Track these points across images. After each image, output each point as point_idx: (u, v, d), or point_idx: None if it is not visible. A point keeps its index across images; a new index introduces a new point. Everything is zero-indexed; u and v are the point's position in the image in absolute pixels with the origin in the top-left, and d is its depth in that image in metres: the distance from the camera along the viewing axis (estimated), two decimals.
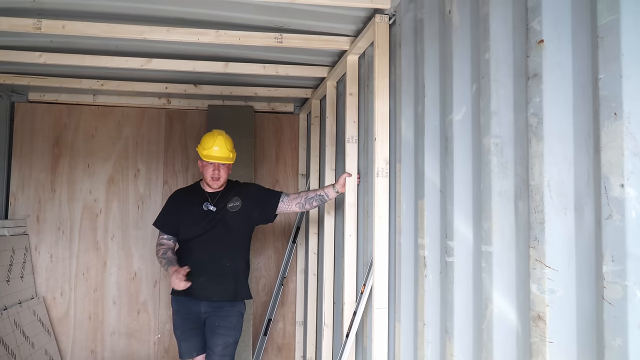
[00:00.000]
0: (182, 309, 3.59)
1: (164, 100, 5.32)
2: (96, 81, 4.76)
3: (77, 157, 5.19)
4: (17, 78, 4.62)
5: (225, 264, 3.58)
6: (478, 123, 2.02)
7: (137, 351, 5.16)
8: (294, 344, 5.41)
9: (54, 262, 5.09)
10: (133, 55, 4.05)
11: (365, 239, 3.41)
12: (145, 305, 5.21)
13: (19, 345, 4.09)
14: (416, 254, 2.61)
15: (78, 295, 5.11)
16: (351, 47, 3.54)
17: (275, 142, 5.55)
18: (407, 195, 2.74)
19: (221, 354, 3.50)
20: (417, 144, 2.64)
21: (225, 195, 3.66)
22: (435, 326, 2.36)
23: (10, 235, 4.62)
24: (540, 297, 1.55)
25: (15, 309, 4.27)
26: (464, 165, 2.13)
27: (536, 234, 1.59)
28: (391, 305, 2.97)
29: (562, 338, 1.52)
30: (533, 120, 1.62)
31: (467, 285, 2.09)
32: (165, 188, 5.30)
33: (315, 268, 4.80)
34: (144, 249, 5.23)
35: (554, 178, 1.56)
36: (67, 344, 5.06)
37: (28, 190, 5.08)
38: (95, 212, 5.18)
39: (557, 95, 1.58)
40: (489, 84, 1.90)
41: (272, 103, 5.51)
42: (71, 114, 5.22)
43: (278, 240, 5.45)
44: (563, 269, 1.53)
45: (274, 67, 4.22)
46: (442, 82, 2.38)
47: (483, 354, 1.90)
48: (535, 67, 1.63)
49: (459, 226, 2.13)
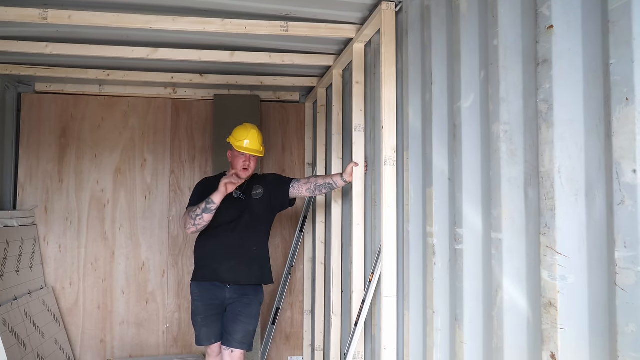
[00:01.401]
0: (207, 295, 3.66)
1: (170, 90, 5.31)
2: (102, 71, 4.76)
3: (84, 148, 5.20)
4: (24, 69, 4.62)
5: (252, 248, 3.71)
6: (487, 110, 2.01)
7: (146, 340, 5.19)
8: (302, 332, 5.43)
9: (63, 252, 5.11)
10: (139, 45, 4.04)
11: (373, 228, 3.41)
12: (154, 295, 5.24)
13: (29, 335, 4.12)
14: (425, 242, 2.61)
15: (87, 285, 5.14)
16: (357, 35, 3.53)
17: (281, 132, 5.54)
18: (415, 183, 2.73)
19: (241, 341, 3.57)
20: (424, 132, 2.64)
21: (250, 185, 3.79)
22: (445, 314, 2.36)
23: (19, 226, 4.64)
24: (552, 283, 1.55)
25: (25, 299, 4.30)
26: (473, 152, 2.13)
27: (547, 221, 1.58)
28: (400, 294, 2.97)
29: (573, 324, 1.52)
30: (543, 107, 1.62)
31: (476, 272, 2.09)
32: (172, 178, 5.31)
33: (323, 257, 4.80)
34: (151, 239, 5.25)
35: (565, 164, 1.55)
36: (77, 334, 5.09)
37: (36, 181, 5.10)
38: (102, 203, 5.20)
39: (567, 81, 1.57)
40: (498, 70, 1.89)
41: (278, 92, 5.50)
42: (78, 104, 5.22)
43: (285, 229, 5.46)
44: (574, 255, 1.53)
45: (279, 56, 4.21)
46: (450, 69, 2.36)
47: (494, 341, 1.90)
48: (545, 53, 1.61)
49: (468, 214, 2.13)
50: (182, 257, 5.28)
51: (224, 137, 4.39)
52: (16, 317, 4.01)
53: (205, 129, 5.40)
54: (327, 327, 4.48)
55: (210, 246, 3.69)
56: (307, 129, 5.52)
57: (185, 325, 5.22)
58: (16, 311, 4.05)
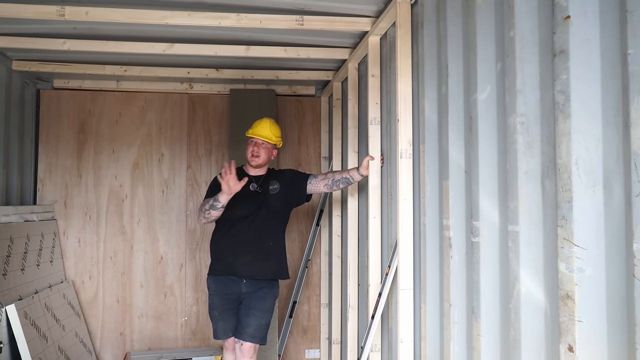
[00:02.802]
0: (223, 289, 3.68)
1: (186, 85, 5.34)
2: (119, 67, 4.80)
3: (102, 143, 5.24)
4: (42, 65, 4.67)
5: (269, 243, 3.71)
6: (503, 102, 2.00)
7: (164, 333, 5.25)
8: (319, 325, 5.45)
9: (82, 246, 5.18)
10: (155, 41, 4.07)
11: (389, 221, 3.41)
12: (172, 288, 5.28)
13: (50, 327, 4.18)
14: (441, 235, 2.60)
15: (106, 279, 5.19)
16: (372, 28, 3.52)
17: (297, 126, 5.55)
18: (431, 176, 2.73)
19: (252, 334, 3.58)
20: (440, 125, 2.63)
21: (267, 180, 3.79)
22: (462, 306, 2.36)
23: (39, 221, 4.70)
24: (569, 275, 1.54)
25: (45, 293, 4.36)
26: (489, 144, 2.12)
27: (564, 213, 1.57)
28: (416, 287, 2.97)
29: (591, 317, 1.51)
30: (560, 98, 1.60)
31: (493, 265, 2.08)
32: (189, 172, 5.35)
33: (339, 250, 4.81)
34: (169, 234, 5.29)
35: (582, 156, 1.54)
36: (97, 327, 5.16)
37: (55, 176, 5.16)
38: (121, 197, 5.25)
39: (584, 71, 1.55)
40: (514, 62, 1.88)
41: (293, 86, 5.51)
42: (95, 100, 5.27)
43: (302, 223, 5.47)
44: (592, 247, 1.52)
45: (295, 50, 4.22)
46: (466, 61, 2.35)
47: (511, 333, 1.90)
48: (562, 44, 1.60)
49: (484, 206, 2.12)
50: (199, 250, 5.32)
51: (240, 132, 4.41)
52: (37, 310, 4.07)
53: (221, 124, 5.42)
54: (344, 320, 4.49)
55: (226, 240, 3.71)
56: (323, 123, 5.52)
57: (203, 319, 5.26)
58: (37, 304, 4.11)
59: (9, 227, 4.04)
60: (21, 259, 4.17)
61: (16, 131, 4.74)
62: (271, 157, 3.81)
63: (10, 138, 4.64)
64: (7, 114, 4.54)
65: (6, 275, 3.87)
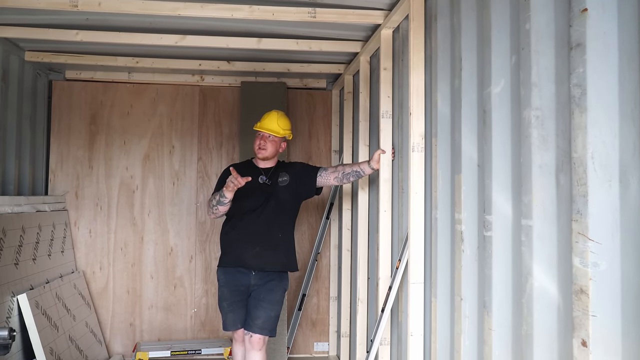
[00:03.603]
0: (232, 281, 3.69)
1: (197, 78, 5.35)
2: (131, 59, 4.81)
3: (114, 134, 5.26)
4: (55, 56, 4.69)
5: (277, 235, 3.72)
6: (518, 95, 1.99)
7: (174, 324, 5.27)
8: (328, 319, 5.45)
9: (93, 237, 5.20)
10: (167, 32, 4.08)
11: (400, 215, 3.40)
12: (182, 280, 5.30)
13: (61, 317, 4.21)
14: (453, 229, 2.60)
15: (116, 269, 5.22)
16: (385, 20, 3.50)
17: (307, 119, 5.55)
18: (444, 170, 2.72)
19: (261, 326, 3.58)
20: (453, 118, 2.62)
21: (276, 172, 3.79)
22: (473, 301, 2.36)
23: (51, 211, 4.73)
24: (583, 270, 1.53)
25: (56, 283, 4.39)
26: (503, 138, 2.11)
27: (579, 207, 1.56)
28: (427, 280, 2.97)
29: (605, 311, 1.50)
30: (576, 91, 1.59)
31: (505, 259, 2.08)
32: (200, 164, 5.36)
33: (349, 244, 4.81)
34: (179, 225, 5.31)
35: (598, 150, 1.53)
36: (107, 317, 5.19)
37: (67, 167, 5.18)
38: (131, 189, 5.27)
39: (601, 65, 1.54)
40: (530, 55, 1.87)
41: (304, 79, 5.50)
42: (107, 91, 5.28)
43: (311, 216, 5.48)
44: (607, 242, 1.51)
45: (307, 42, 4.21)
46: (480, 54, 2.34)
47: (523, 328, 1.89)
48: (579, 37, 1.59)
49: (497, 200, 2.11)
50: (209, 243, 5.33)
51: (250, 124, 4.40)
52: (48, 299, 4.10)
53: (232, 116, 5.42)
54: (353, 314, 4.49)
55: (236, 232, 3.71)
56: (334, 116, 5.52)
57: (212, 310, 5.28)
58: (48, 294, 4.14)
59: (21, 217, 4.07)
60: (33, 248, 4.19)
61: (28, 122, 4.76)
62: (279, 149, 3.80)
63: (23, 129, 4.66)
64: (19, 104, 4.57)
65: (18, 265, 3.90)
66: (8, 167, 4.40)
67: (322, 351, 5.45)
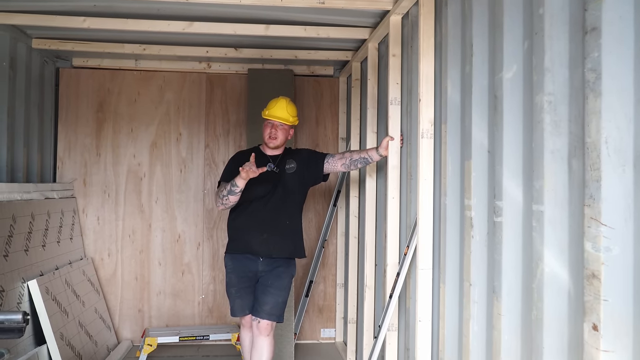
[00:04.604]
0: (240, 267, 3.70)
1: (204, 65, 5.34)
2: (138, 46, 4.80)
3: (121, 122, 5.28)
4: (62, 43, 4.69)
5: (285, 222, 3.73)
6: (530, 81, 1.98)
7: (182, 310, 5.31)
8: (334, 305, 5.48)
9: (101, 224, 5.23)
10: (175, 19, 4.07)
11: (408, 201, 3.40)
12: (189, 266, 5.33)
13: (70, 303, 4.25)
14: (462, 215, 2.60)
15: (125, 256, 5.25)
16: (394, 7, 3.48)
17: (315, 106, 5.54)
18: (453, 156, 2.72)
19: (269, 312, 3.60)
20: (463, 104, 2.61)
21: (284, 159, 3.79)
22: (482, 286, 2.36)
23: (59, 198, 4.75)
24: (595, 255, 1.54)
25: (66, 269, 4.42)
26: (514, 124, 2.10)
27: (592, 192, 1.56)
28: (435, 266, 2.98)
29: (617, 296, 1.51)
30: (590, 76, 1.59)
31: (516, 245, 2.08)
32: (207, 152, 5.37)
33: (356, 231, 4.82)
34: (186, 212, 5.33)
35: (612, 135, 1.53)
36: (116, 303, 5.23)
37: (74, 155, 5.20)
38: (139, 176, 5.29)
39: (617, 49, 1.53)
40: (543, 40, 1.86)
41: (311, 66, 5.49)
42: (114, 78, 5.29)
43: (318, 204, 5.49)
44: (620, 226, 1.51)
45: (314, 29, 4.19)
46: (492, 40, 2.33)
47: (533, 313, 1.90)
48: (594, 21, 1.58)
49: (508, 186, 2.11)
50: (216, 229, 5.35)
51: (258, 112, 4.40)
52: (58, 286, 4.13)
53: (239, 103, 5.42)
54: (361, 300, 4.51)
55: (243, 219, 3.72)
56: (341, 104, 5.51)
57: (220, 297, 5.31)
58: (58, 280, 4.17)
59: (30, 204, 4.09)
60: (42, 235, 4.22)
61: (36, 109, 4.78)
62: (288, 136, 3.79)
63: (31, 116, 4.67)
64: (27, 92, 4.58)
65: (28, 251, 3.92)
66: (17, 155, 4.42)
67: (328, 337, 5.49)
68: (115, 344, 5.03)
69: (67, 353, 3.89)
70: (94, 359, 4.37)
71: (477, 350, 2.38)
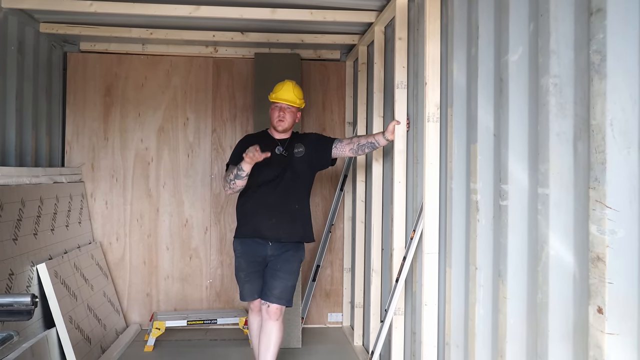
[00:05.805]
0: (249, 251, 3.71)
1: (211, 49, 5.33)
2: (145, 30, 4.79)
3: (128, 106, 5.28)
4: (69, 28, 4.69)
5: (294, 206, 3.73)
6: (536, 63, 1.97)
7: (190, 295, 5.34)
8: (341, 289, 5.50)
9: (109, 208, 5.26)
10: (181, 3, 4.05)
11: (414, 185, 3.40)
12: (197, 251, 5.36)
13: (79, 287, 4.28)
14: (468, 199, 2.59)
15: (133, 240, 5.29)
16: None
17: (321, 90, 5.53)
18: (459, 140, 2.71)
19: (279, 296, 3.61)
20: (469, 87, 2.60)
21: (292, 143, 3.78)
22: (488, 270, 2.36)
23: (68, 182, 4.78)
24: (600, 238, 1.53)
25: (74, 253, 4.45)
26: (520, 107, 2.09)
27: (597, 175, 1.56)
28: (441, 250, 2.98)
29: (622, 279, 1.51)
30: (595, 58, 1.57)
31: (521, 228, 2.08)
32: (214, 136, 5.37)
33: (363, 215, 4.82)
34: (194, 197, 5.35)
35: (617, 117, 1.52)
36: (124, 287, 5.27)
37: (82, 139, 5.22)
38: (147, 161, 5.30)
39: (622, 30, 1.52)
40: (548, 21, 1.84)
41: (318, 50, 5.46)
42: (121, 63, 5.29)
43: (325, 188, 5.49)
44: (625, 209, 1.51)
45: (321, 12, 4.17)
46: (497, 22, 2.31)
47: (538, 296, 1.90)
48: (599, 2, 1.56)
49: (514, 169, 2.11)
50: (224, 214, 5.37)
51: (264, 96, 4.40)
52: (67, 269, 4.16)
53: (246, 88, 5.42)
54: (367, 284, 4.53)
55: (252, 203, 3.72)
56: (348, 88, 5.49)
57: (227, 281, 5.34)
58: (67, 264, 4.20)
59: (39, 188, 4.12)
60: (51, 219, 4.25)
61: (44, 93, 4.79)
62: (296, 120, 3.79)
63: (39, 100, 4.69)
64: (35, 76, 4.58)
65: (37, 235, 3.96)
66: (25, 139, 4.44)
67: (335, 321, 5.51)
68: (123, 327, 5.08)
69: (76, 336, 3.93)
70: (102, 342, 4.42)
71: (482, 333, 2.38)
